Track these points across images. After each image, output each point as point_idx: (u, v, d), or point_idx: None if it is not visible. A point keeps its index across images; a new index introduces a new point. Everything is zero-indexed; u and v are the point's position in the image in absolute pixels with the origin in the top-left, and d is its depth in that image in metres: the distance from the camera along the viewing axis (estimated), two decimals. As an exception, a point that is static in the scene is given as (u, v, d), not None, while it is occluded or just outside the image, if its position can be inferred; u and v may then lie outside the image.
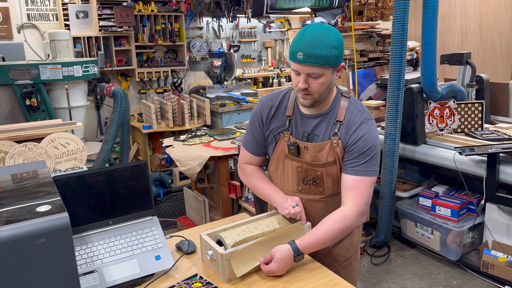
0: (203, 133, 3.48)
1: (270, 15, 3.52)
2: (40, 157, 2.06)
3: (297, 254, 1.38)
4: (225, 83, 5.22)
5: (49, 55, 3.69)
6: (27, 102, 3.35)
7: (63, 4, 4.57)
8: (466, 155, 2.71)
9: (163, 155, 3.73)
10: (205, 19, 5.87)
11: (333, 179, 1.54)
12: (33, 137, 2.18)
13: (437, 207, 3.07)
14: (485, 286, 2.82)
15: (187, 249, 1.54)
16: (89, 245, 1.39)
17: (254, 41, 6.33)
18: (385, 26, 4.01)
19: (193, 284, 1.35)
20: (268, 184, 1.65)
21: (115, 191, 1.46)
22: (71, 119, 3.69)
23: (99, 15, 4.66)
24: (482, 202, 2.81)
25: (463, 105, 3.16)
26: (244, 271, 1.36)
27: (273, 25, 6.31)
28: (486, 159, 2.68)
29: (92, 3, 4.63)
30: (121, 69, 5.05)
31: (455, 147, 2.87)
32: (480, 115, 3.17)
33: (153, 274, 1.40)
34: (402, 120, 2.95)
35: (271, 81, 6.15)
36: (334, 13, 3.59)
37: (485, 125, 3.25)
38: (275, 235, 1.45)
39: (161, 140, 3.51)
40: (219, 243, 1.44)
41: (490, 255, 2.81)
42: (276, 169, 1.64)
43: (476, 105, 3.16)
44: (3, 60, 3.71)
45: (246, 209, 3.03)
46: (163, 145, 3.31)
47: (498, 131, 3.11)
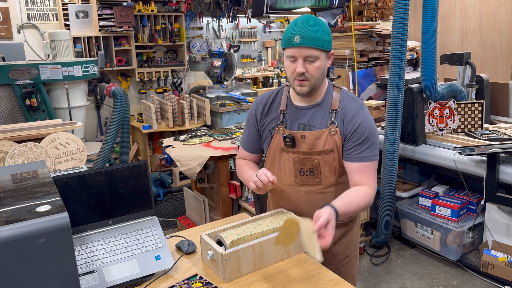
0: (203, 133, 3.48)
1: (270, 15, 3.52)
2: (40, 157, 2.06)
3: (336, 217, 1.34)
4: (225, 83, 5.22)
5: (49, 55, 3.69)
6: (27, 102, 3.35)
7: (63, 4, 4.57)
8: (466, 155, 2.71)
9: (163, 155, 3.73)
10: (205, 19, 5.87)
11: (331, 168, 1.56)
12: (33, 137, 2.18)
13: (437, 207, 3.07)
14: (485, 286, 2.82)
15: (187, 249, 1.54)
16: (89, 245, 1.39)
17: (254, 41, 6.33)
18: (385, 26, 4.00)
19: (193, 284, 1.35)
20: (249, 173, 1.62)
21: (115, 191, 1.46)
22: (71, 119, 3.69)
23: (99, 15, 4.66)
24: (482, 202, 2.81)
25: (463, 105, 3.16)
26: (317, 251, 1.23)
27: (273, 25, 6.31)
28: (486, 159, 2.68)
29: (92, 3, 4.63)
30: (121, 69, 5.05)
31: (455, 147, 2.87)
32: (480, 115, 3.17)
33: (153, 274, 1.40)
34: (402, 120, 2.95)
35: (271, 81, 6.15)
36: (334, 13, 3.59)
37: (485, 125, 3.25)
38: (274, 234, 1.45)
39: (161, 140, 3.51)
40: (219, 243, 1.44)
41: (490, 255, 2.81)
42: (272, 165, 1.65)
43: (476, 105, 3.16)
44: (3, 60, 3.71)
45: (246, 209, 3.03)
46: (163, 145, 3.31)
47: (498, 131, 3.11)
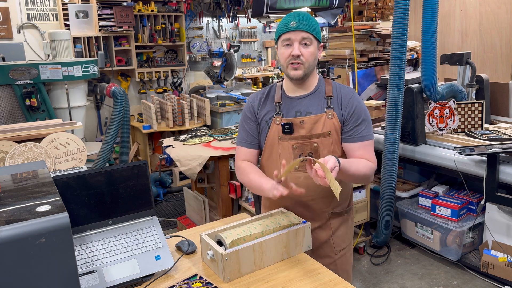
0: (203, 133, 3.48)
1: (270, 15, 3.52)
2: (40, 157, 2.06)
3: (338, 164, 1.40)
4: (225, 83, 5.22)
5: (49, 55, 3.69)
6: (27, 102, 3.35)
7: (63, 4, 4.57)
8: (466, 155, 2.71)
9: (163, 155, 3.73)
10: (205, 19, 5.88)
11: (329, 151, 1.61)
12: (33, 137, 2.18)
13: (437, 207, 3.07)
14: (485, 286, 2.82)
15: (187, 249, 1.54)
16: (89, 245, 1.39)
17: (254, 41, 6.33)
18: (385, 26, 4.00)
19: (193, 284, 1.35)
20: (261, 177, 1.63)
21: (115, 191, 1.46)
22: (71, 119, 3.69)
23: (99, 15, 4.66)
24: (482, 202, 2.81)
25: (463, 105, 3.16)
26: (337, 186, 1.29)
27: (273, 25, 6.31)
28: (486, 159, 2.68)
29: (92, 3, 4.63)
30: (121, 69, 5.05)
31: (455, 147, 2.87)
32: (480, 115, 3.17)
33: (153, 274, 1.40)
34: (402, 120, 2.95)
35: (271, 81, 6.16)
36: (334, 13, 3.59)
37: (485, 125, 3.25)
38: (274, 234, 1.45)
39: (161, 140, 3.51)
40: (219, 243, 1.44)
41: (490, 255, 2.81)
42: (270, 155, 1.67)
43: (476, 105, 3.16)
44: (3, 60, 3.71)
45: (246, 209, 3.03)
46: (163, 145, 3.31)
47: (498, 131, 3.11)
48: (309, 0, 3.36)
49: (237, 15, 5.94)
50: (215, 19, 5.94)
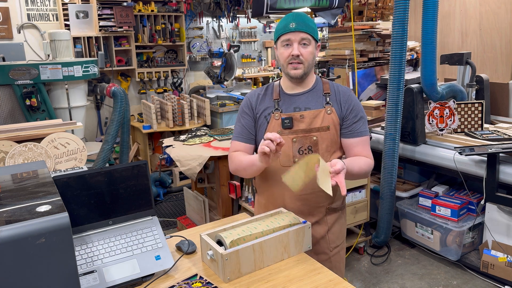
0: (203, 133, 3.48)
1: (270, 15, 3.52)
2: (40, 157, 2.06)
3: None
4: (225, 83, 5.22)
5: (49, 55, 3.69)
6: (27, 102, 3.35)
7: (63, 4, 4.57)
8: (466, 155, 2.71)
9: (163, 155, 3.73)
10: (205, 19, 5.88)
11: (327, 146, 1.66)
12: (33, 137, 2.18)
13: (437, 207, 3.07)
14: (485, 286, 2.82)
15: (187, 249, 1.54)
16: (89, 245, 1.39)
17: (254, 41, 6.33)
18: (385, 26, 4.00)
19: (193, 284, 1.35)
20: (251, 156, 1.69)
21: (115, 191, 1.46)
22: (71, 119, 3.70)
23: (99, 15, 4.66)
24: (482, 202, 2.81)
25: (463, 105, 3.16)
26: (329, 186, 1.36)
27: (273, 25, 6.31)
28: (486, 159, 2.68)
29: (92, 3, 4.64)
30: (121, 69, 5.05)
31: (455, 147, 2.87)
32: (480, 115, 3.17)
33: (153, 274, 1.40)
34: (402, 120, 2.95)
35: (271, 81, 6.16)
36: (334, 13, 3.59)
37: (485, 125, 3.25)
38: (274, 234, 1.45)
39: (161, 140, 3.51)
40: (219, 243, 1.44)
41: (490, 255, 2.81)
42: None
43: (476, 105, 3.16)
44: (3, 60, 3.71)
45: (246, 209, 3.03)
46: (163, 145, 3.31)
47: (498, 131, 3.11)
48: (309, 0, 3.36)
49: (237, 15, 5.94)
50: (215, 19, 5.94)
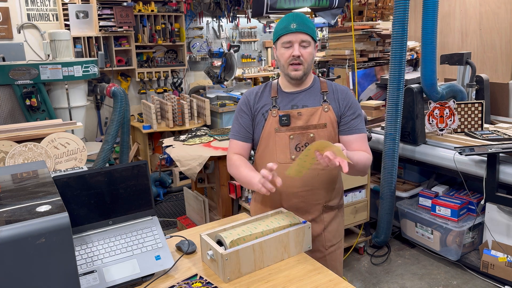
0: (203, 133, 3.48)
1: (270, 15, 3.52)
2: (40, 157, 2.06)
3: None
4: (225, 83, 5.22)
5: (49, 55, 3.69)
6: (27, 102, 3.35)
7: (63, 4, 4.57)
8: (466, 155, 2.71)
9: (163, 155, 3.73)
10: (205, 19, 5.88)
11: None
12: (33, 137, 2.18)
13: (437, 207, 3.07)
14: (485, 286, 2.82)
15: (187, 249, 1.54)
16: (89, 245, 1.39)
17: (254, 41, 6.33)
18: (385, 26, 4.00)
19: (193, 284, 1.35)
20: (251, 171, 1.63)
21: (115, 191, 1.46)
22: (71, 119, 3.69)
23: (99, 15, 4.66)
24: (482, 202, 2.81)
25: (463, 105, 3.16)
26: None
27: (273, 25, 6.31)
28: (486, 159, 2.68)
29: (92, 3, 4.63)
30: (121, 69, 5.05)
31: (455, 147, 2.88)
32: (480, 115, 3.17)
33: (153, 274, 1.40)
34: (402, 120, 2.95)
35: (271, 81, 6.15)
36: (334, 13, 3.59)
37: (485, 125, 3.25)
38: (274, 234, 1.45)
39: (161, 140, 3.51)
40: (219, 243, 1.44)
41: (490, 255, 2.81)
42: (266, 147, 1.70)
43: (476, 105, 3.16)
44: (3, 60, 3.71)
45: (246, 209, 3.03)
46: (163, 145, 3.31)
47: (498, 131, 3.11)
48: (309, 0, 3.36)
49: (237, 15, 5.94)
50: (215, 19, 5.94)
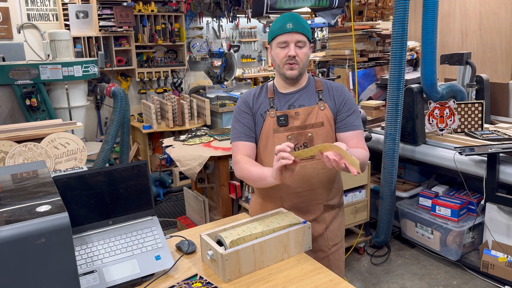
0: (203, 133, 3.48)
1: (270, 15, 3.52)
2: (40, 157, 2.06)
3: None
4: (225, 83, 5.21)
5: (49, 55, 3.69)
6: (27, 102, 3.35)
7: (63, 4, 4.57)
8: (466, 155, 2.71)
9: (163, 155, 3.73)
10: (205, 19, 5.88)
11: (323, 141, 1.68)
12: (33, 137, 2.18)
13: (437, 207, 3.07)
14: (485, 286, 2.82)
15: (187, 249, 1.54)
16: (89, 245, 1.39)
17: (254, 41, 6.33)
18: (385, 26, 4.00)
19: (193, 284, 1.35)
20: (262, 168, 1.62)
21: (115, 191, 1.46)
22: (71, 119, 3.69)
23: (99, 15, 4.66)
24: (482, 202, 2.81)
25: (463, 105, 3.16)
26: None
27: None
28: (486, 159, 2.68)
29: (92, 3, 4.63)
30: (121, 69, 5.05)
31: (455, 147, 2.88)
32: (480, 115, 3.17)
33: (153, 274, 1.40)
34: (402, 120, 2.95)
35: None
36: (334, 13, 3.59)
37: (485, 125, 3.25)
38: (274, 234, 1.45)
39: (161, 140, 3.51)
40: (219, 243, 1.44)
41: (490, 255, 2.81)
42: (265, 147, 1.71)
43: (476, 105, 3.16)
44: (3, 60, 3.71)
45: (246, 209, 3.03)
46: (163, 145, 3.31)
47: (498, 131, 3.11)
48: (309, 0, 3.36)
49: (237, 15, 5.94)
50: (215, 19, 5.94)
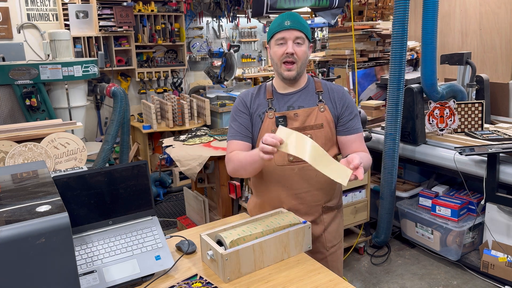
0: (203, 133, 3.48)
1: (270, 15, 3.52)
2: (40, 157, 2.06)
3: None
4: (225, 83, 5.21)
5: (49, 55, 3.69)
6: (27, 102, 3.35)
7: (63, 4, 4.57)
8: (466, 155, 2.71)
9: (163, 155, 3.73)
10: (205, 19, 5.88)
11: (322, 143, 1.65)
12: (33, 137, 2.18)
13: (437, 207, 3.07)
14: (485, 286, 2.82)
15: (187, 249, 1.54)
16: (89, 245, 1.39)
17: (254, 41, 6.33)
18: (385, 26, 4.00)
19: (193, 284, 1.35)
20: (249, 152, 1.61)
21: (115, 191, 1.46)
22: (71, 119, 3.69)
23: (99, 15, 4.66)
24: (482, 202, 2.81)
25: (463, 105, 3.16)
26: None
27: (273, 25, 6.30)
28: (486, 159, 2.68)
29: (92, 3, 4.63)
30: (121, 69, 5.05)
31: (455, 147, 2.87)
32: (480, 115, 3.17)
33: (153, 274, 1.40)
34: (402, 120, 2.95)
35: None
36: (334, 13, 3.59)
37: (485, 125, 3.25)
38: (274, 234, 1.45)
39: (161, 140, 3.51)
40: (219, 243, 1.44)
41: (490, 255, 2.81)
42: None
43: (476, 105, 3.16)
44: (3, 60, 3.71)
45: (246, 209, 3.03)
46: (163, 145, 3.31)
47: (498, 131, 3.11)
48: (309, 0, 3.36)
49: (237, 15, 5.94)
50: (215, 19, 5.94)
